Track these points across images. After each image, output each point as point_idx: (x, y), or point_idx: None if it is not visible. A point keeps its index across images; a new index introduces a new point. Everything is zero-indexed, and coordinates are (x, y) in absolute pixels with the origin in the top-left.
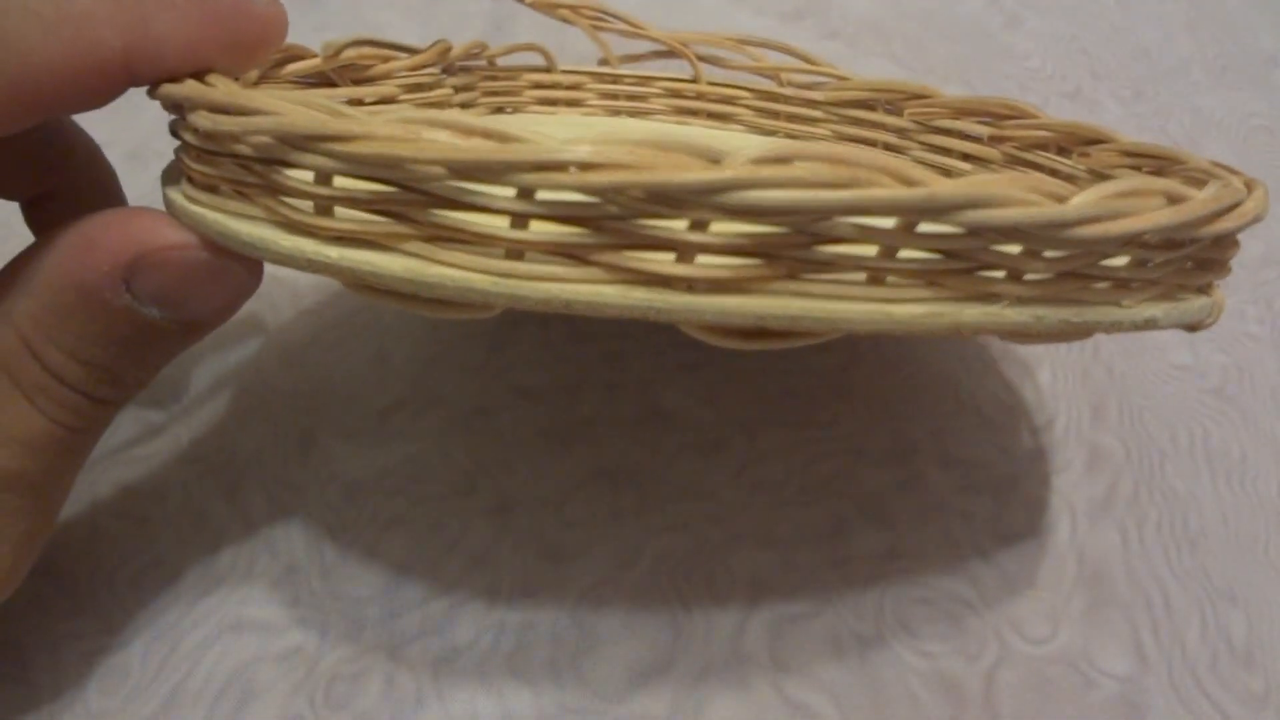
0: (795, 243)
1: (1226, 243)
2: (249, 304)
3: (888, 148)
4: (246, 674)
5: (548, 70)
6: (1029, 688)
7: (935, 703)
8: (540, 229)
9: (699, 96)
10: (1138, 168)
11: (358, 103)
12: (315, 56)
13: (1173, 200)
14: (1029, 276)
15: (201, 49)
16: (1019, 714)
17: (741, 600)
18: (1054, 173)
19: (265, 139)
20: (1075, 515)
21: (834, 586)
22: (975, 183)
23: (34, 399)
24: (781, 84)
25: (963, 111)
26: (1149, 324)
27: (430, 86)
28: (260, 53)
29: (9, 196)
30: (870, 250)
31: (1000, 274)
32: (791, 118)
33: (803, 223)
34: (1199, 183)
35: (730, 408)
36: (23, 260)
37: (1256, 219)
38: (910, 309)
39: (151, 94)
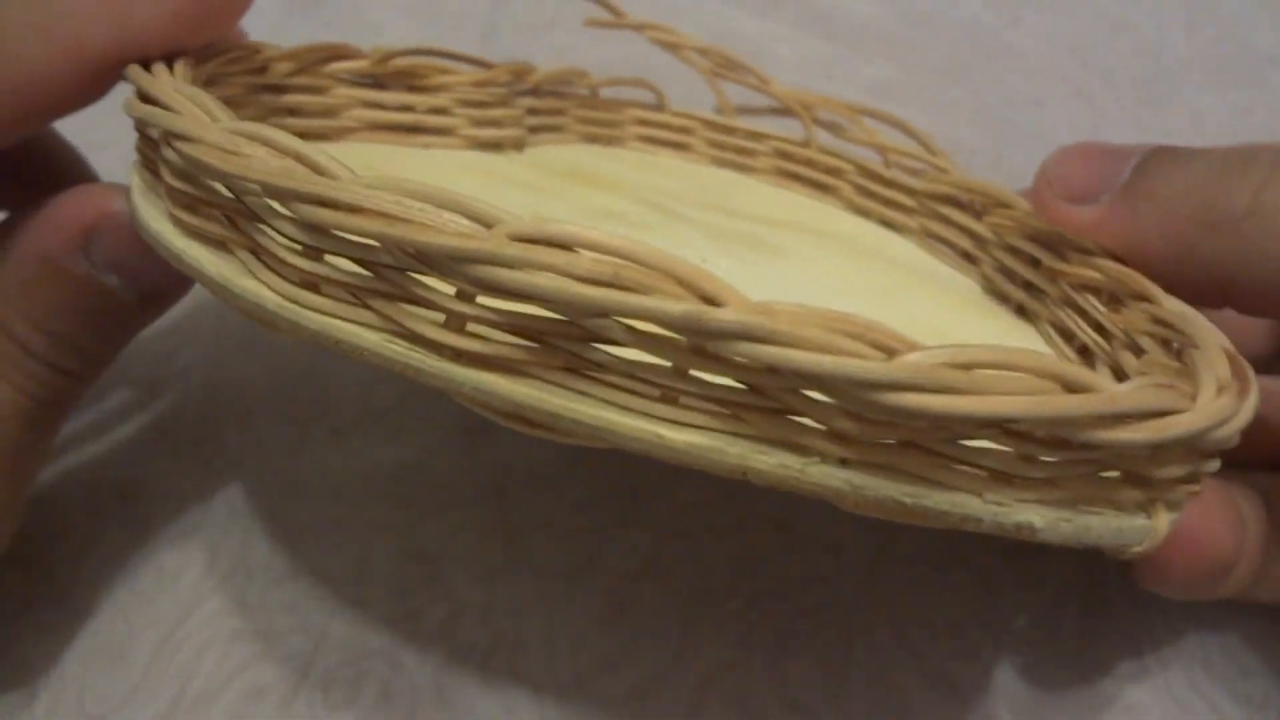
0: (570, 334)
1: (1172, 457)
2: None
3: (964, 255)
4: (245, 676)
5: (658, 108)
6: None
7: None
8: (334, 262)
9: (806, 163)
10: (1166, 340)
11: (407, 110)
12: (364, 58)
13: (1068, 387)
14: (853, 435)
15: (178, 31)
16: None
17: (743, 596)
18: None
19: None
20: None
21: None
22: (764, 310)
23: (0, 368)
24: (887, 164)
25: (1033, 236)
26: (1023, 530)
27: (493, 104)
28: (225, 26)
29: None
30: (665, 362)
31: (815, 424)
32: (887, 202)
33: (571, 314)
34: (1184, 374)
35: None
36: None
37: (1200, 433)
38: (690, 436)
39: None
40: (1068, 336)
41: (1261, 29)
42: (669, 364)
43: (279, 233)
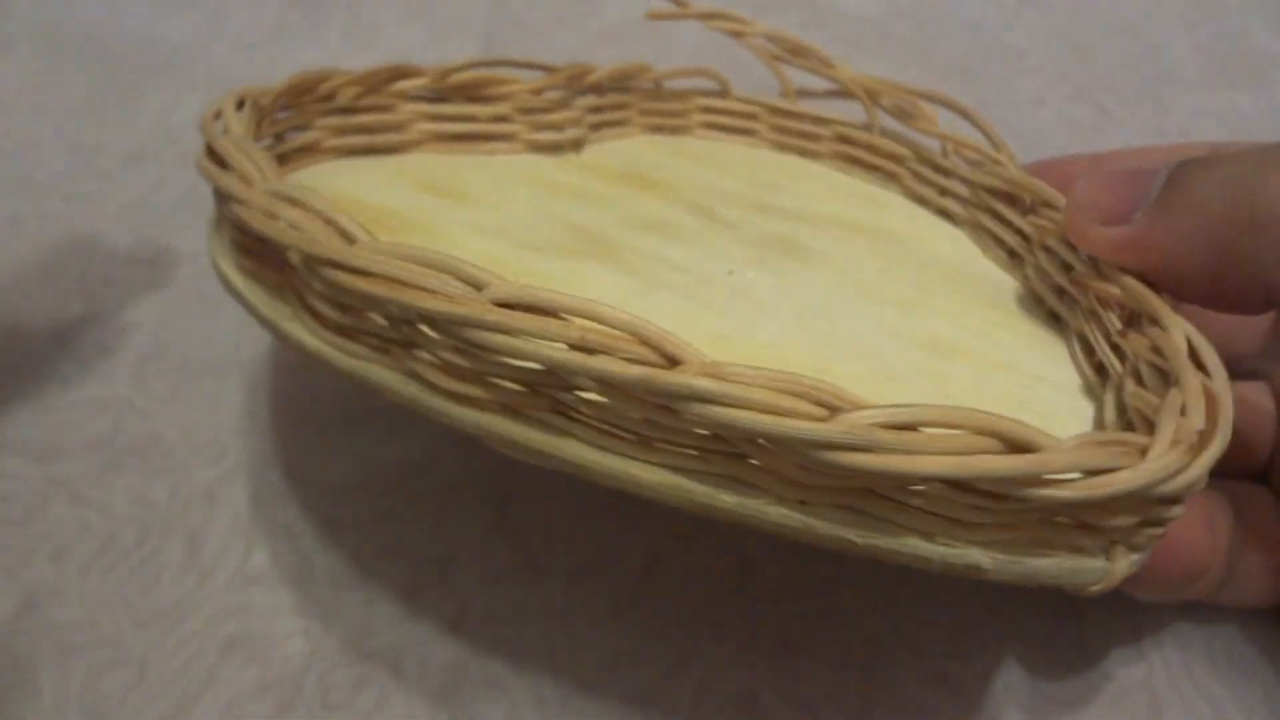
0: (551, 384)
1: (1122, 508)
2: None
3: (1010, 253)
4: (246, 677)
5: (721, 95)
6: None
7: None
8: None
9: (867, 148)
10: (1164, 372)
11: (469, 120)
12: (425, 75)
13: (1010, 445)
14: (806, 482)
15: None
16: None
17: (745, 597)
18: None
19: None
20: None
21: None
22: (713, 372)
23: None
24: (947, 154)
25: (1068, 241)
26: (971, 570)
27: (550, 109)
28: None
29: None
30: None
31: (771, 470)
32: (943, 192)
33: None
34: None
35: None
36: None
37: (1139, 491)
38: (660, 476)
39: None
40: (1089, 351)
41: (1261, 29)
42: (637, 415)
43: (313, 285)
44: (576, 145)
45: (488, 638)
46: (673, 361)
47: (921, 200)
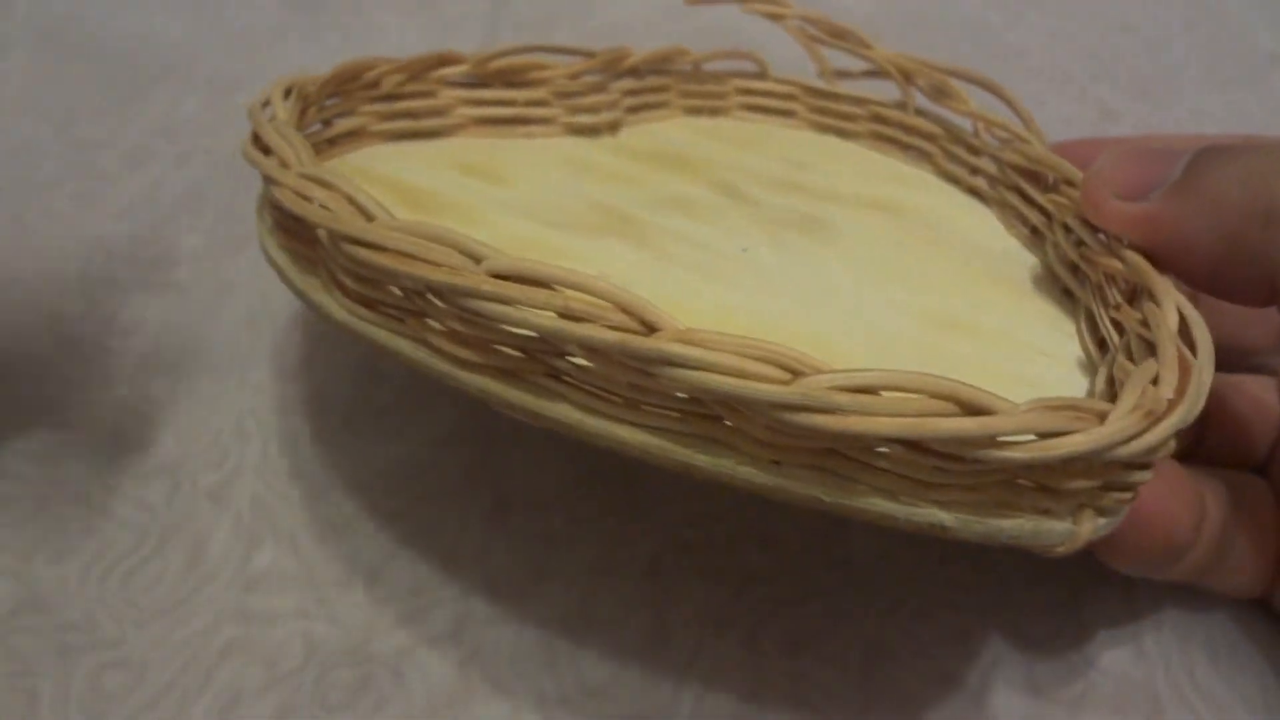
0: (545, 350)
1: (1080, 471)
2: (246, 305)
3: (1033, 231)
4: (245, 678)
5: (760, 77)
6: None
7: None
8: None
9: (902, 127)
10: (1150, 342)
11: (508, 104)
12: (466, 62)
13: (965, 408)
14: (776, 442)
15: None
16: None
17: (747, 599)
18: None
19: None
20: None
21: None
22: (685, 336)
23: None
24: (977, 133)
25: (1082, 217)
26: (935, 529)
27: (587, 93)
28: None
29: None
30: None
31: (744, 430)
32: (973, 170)
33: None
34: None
35: None
36: None
37: (1093, 453)
38: (645, 437)
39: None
40: (1094, 327)
41: (1261, 29)
42: (621, 379)
43: (338, 260)
44: (613, 128)
45: (489, 639)
46: (650, 328)
47: (953, 179)
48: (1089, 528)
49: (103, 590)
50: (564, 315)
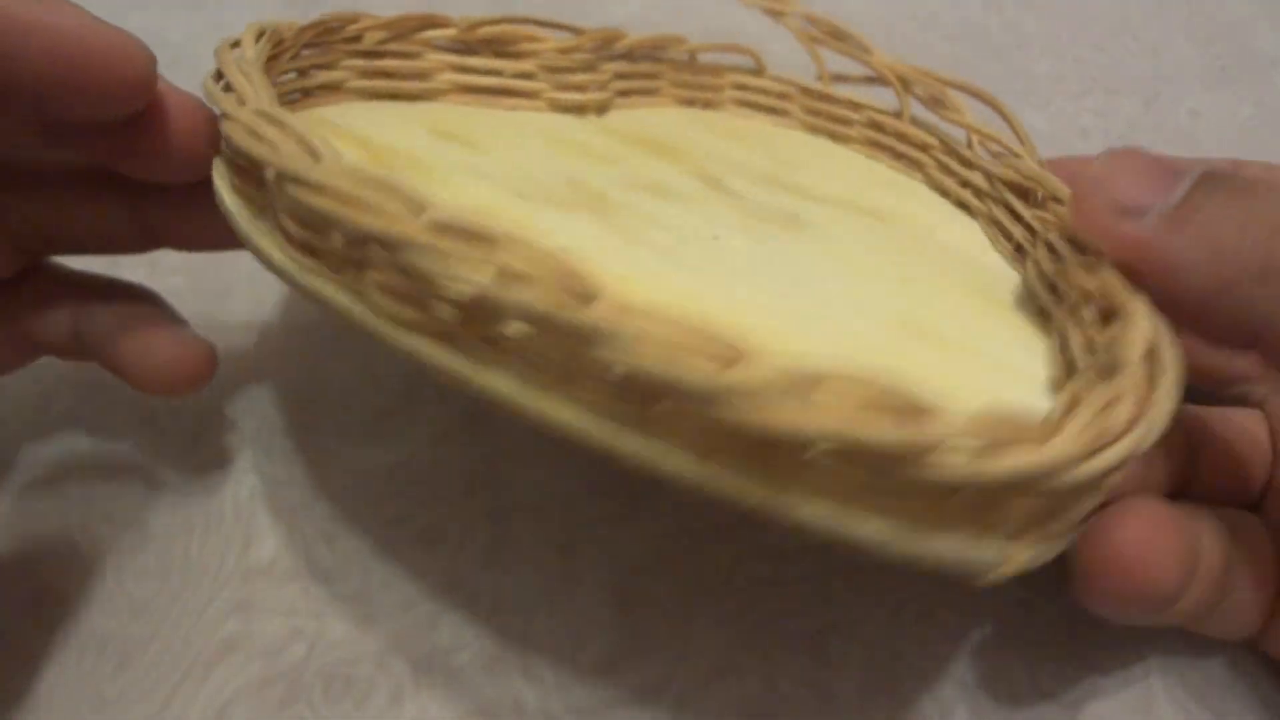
0: (480, 312)
1: (1016, 495)
2: (244, 305)
3: (1017, 248)
4: (245, 677)
5: (756, 74)
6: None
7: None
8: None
9: (896, 135)
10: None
11: (495, 74)
12: (454, 25)
13: (899, 413)
14: (704, 431)
15: None
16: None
17: (745, 595)
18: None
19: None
20: None
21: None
22: (620, 309)
23: None
24: (971, 145)
25: (1064, 234)
26: (852, 545)
27: (576, 70)
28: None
29: None
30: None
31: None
32: (963, 183)
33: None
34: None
35: None
36: None
37: (1034, 472)
38: (569, 415)
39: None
40: (1066, 347)
41: (1261, 30)
42: (556, 351)
43: (282, 202)
44: (600, 109)
45: (489, 637)
46: (588, 298)
47: (942, 190)
48: (1023, 556)
49: (103, 588)
50: (502, 276)
